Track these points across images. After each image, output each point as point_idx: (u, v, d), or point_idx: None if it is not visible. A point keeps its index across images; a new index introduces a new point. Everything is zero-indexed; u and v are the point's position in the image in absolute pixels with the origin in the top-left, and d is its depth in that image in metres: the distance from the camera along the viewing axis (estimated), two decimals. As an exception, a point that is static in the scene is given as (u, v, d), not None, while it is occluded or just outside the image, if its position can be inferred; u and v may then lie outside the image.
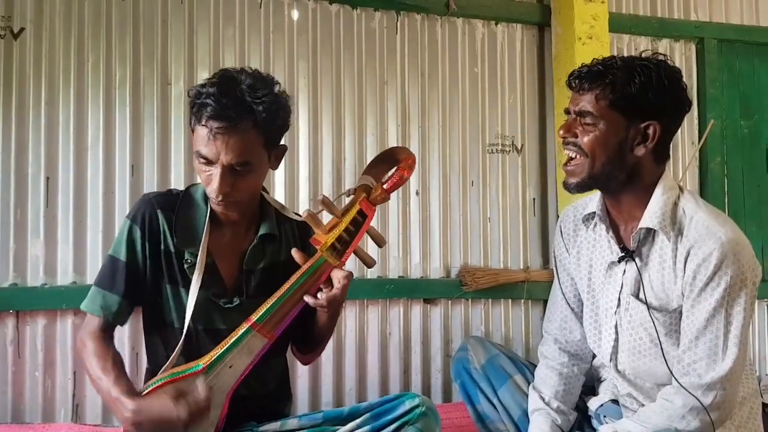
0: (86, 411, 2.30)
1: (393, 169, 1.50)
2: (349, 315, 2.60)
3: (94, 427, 2.12)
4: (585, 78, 1.49)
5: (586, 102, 1.48)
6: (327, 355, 2.54)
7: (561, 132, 1.52)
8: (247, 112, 1.41)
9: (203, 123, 1.41)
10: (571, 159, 1.52)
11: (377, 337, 2.63)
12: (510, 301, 2.81)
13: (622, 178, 1.50)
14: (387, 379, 2.63)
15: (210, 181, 1.45)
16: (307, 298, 1.44)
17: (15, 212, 2.27)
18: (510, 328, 2.82)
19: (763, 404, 1.63)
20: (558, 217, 2.76)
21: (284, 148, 1.58)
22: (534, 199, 2.89)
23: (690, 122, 3.07)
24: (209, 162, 1.43)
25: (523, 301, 2.82)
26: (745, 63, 3.16)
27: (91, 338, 1.50)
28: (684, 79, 1.51)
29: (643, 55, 1.51)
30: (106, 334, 1.53)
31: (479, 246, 2.79)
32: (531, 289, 2.78)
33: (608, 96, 1.46)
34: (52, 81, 2.33)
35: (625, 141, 1.47)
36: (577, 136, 1.50)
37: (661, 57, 1.50)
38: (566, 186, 1.54)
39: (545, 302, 2.68)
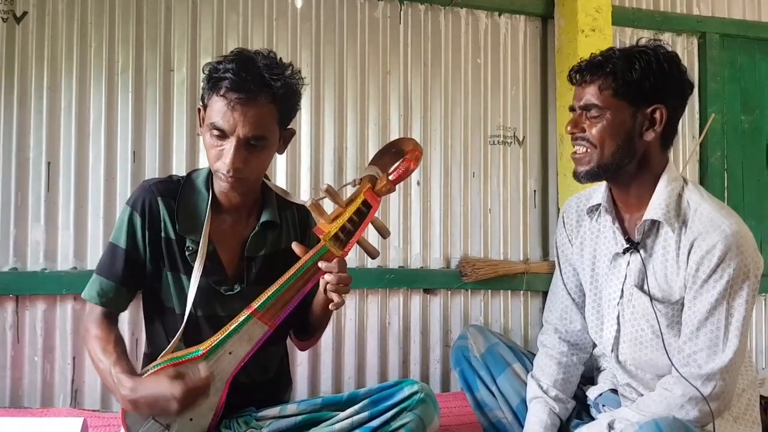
0: (85, 396, 2.31)
1: (399, 161, 1.49)
2: (349, 304, 2.60)
3: (92, 412, 2.12)
4: (586, 70, 1.50)
5: (590, 95, 1.48)
6: (326, 343, 2.55)
7: (568, 128, 1.52)
8: (266, 86, 1.42)
9: (221, 94, 1.41)
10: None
11: (377, 326, 2.64)
12: (509, 292, 2.82)
13: (631, 168, 1.50)
14: (386, 368, 2.64)
15: (221, 156, 1.44)
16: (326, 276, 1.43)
17: (16, 197, 2.27)
18: (509, 319, 2.82)
19: (761, 396, 1.63)
20: (558, 209, 2.77)
21: (293, 132, 1.58)
22: (535, 191, 2.89)
23: (691, 116, 3.07)
24: (223, 135, 1.42)
25: (522, 292, 2.83)
26: (746, 58, 3.16)
27: (94, 323, 1.51)
28: (682, 66, 1.51)
29: (640, 43, 1.51)
30: (108, 319, 1.53)
31: (479, 237, 2.79)
32: (530, 280, 2.78)
33: (611, 85, 1.46)
34: (54, 65, 2.32)
35: (633, 128, 1.48)
36: (584, 131, 1.50)
37: (657, 42, 1.50)
38: (576, 175, 1.53)
39: (544, 294, 2.69)
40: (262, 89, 1.41)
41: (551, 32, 2.92)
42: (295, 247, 1.44)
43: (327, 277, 1.42)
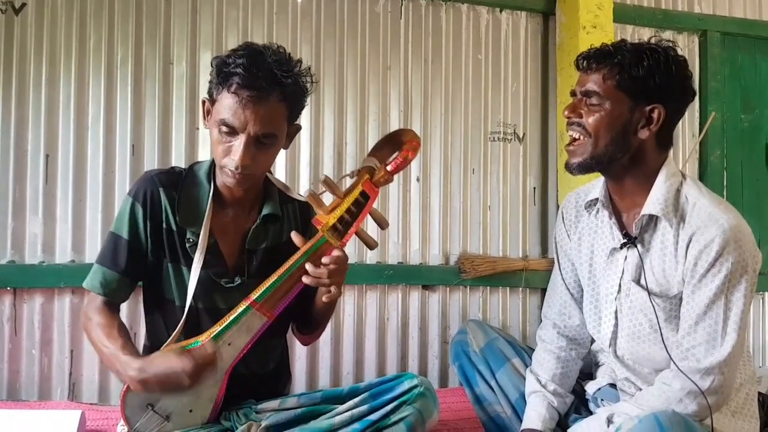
0: (83, 389, 2.30)
1: (397, 151, 1.49)
2: (348, 300, 2.60)
3: (90, 405, 2.12)
4: (594, 58, 1.50)
5: (593, 82, 1.49)
6: (325, 338, 2.55)
7: (566, 112, 1.53)
8: (277, 84, 1.41)
9: (232, 91, 1.39)
10: (575, 140, 1.52)
11: (375, 322, 2.64)
12: (508, 289, 2.82)
13: (624, 161, 1.50)
14: (384, 363, 2.64)
15: (229, 152, 1.43)
16: (306, 276, 1.41)
17: (14, 189, 2.27)
18: (507, 316, 2.82)
19: (760, 393, 1.63)
20: (558, 206, 2.77)
21: (299, 127, 1.58)
22: (534, 188, 2.89)
23: (691, 115, 3.07)
24: (233, 132, 1.42)
25: (521, 289, 2.83)
26: (747, 57, 3.16)
27: (95, 311, 1.52)
28: (689, 71, 1.52)
29: (652, 41, 1.51)
30: (109, 307, 1.54)
31: (479, 234, 2.79)
32: (529, 277, 2.78)
33: (615, 76, 1.46)
34: (53, 58, 2.32)
35: (630, 123, 1.48)
36: (581, 117, 1.50)
37: (669, 44, 1.50)
38: (568, 166, 1.54)
39: (543, 291, 2.69)
40: (273, 87, 1.40)
41: (552, 29, 2.91)
42: (294, 236, 1.44)
43: (314, 270, 1.40)
